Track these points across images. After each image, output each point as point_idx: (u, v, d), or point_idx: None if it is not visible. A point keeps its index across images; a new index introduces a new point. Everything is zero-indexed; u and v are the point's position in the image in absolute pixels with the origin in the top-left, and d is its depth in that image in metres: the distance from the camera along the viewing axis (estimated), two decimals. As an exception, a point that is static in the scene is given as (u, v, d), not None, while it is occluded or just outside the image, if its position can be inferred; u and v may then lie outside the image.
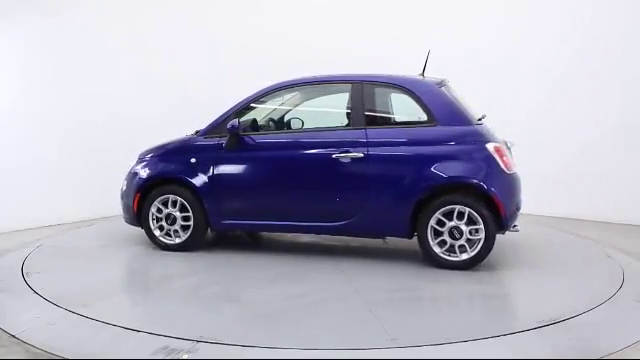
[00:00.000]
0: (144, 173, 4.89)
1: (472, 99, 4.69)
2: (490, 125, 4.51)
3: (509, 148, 4.51)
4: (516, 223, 4.33)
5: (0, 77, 5.78)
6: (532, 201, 4.69)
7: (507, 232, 4.27)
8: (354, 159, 4.32)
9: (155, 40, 6.96)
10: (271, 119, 5.01)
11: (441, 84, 4.49)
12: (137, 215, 4.87)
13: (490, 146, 4.17)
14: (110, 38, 6.56)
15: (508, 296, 3.97)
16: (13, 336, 3.07)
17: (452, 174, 4.18)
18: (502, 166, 4.15)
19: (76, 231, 5.70)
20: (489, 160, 4.15)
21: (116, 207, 6.47)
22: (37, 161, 5.96)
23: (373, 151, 4.33)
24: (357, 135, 4.38)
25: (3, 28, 5.80)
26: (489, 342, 2.92)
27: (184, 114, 6.69)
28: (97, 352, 2.86)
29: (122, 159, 6.63)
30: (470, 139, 4.23)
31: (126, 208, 4.99)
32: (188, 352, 2.78)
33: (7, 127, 5.77)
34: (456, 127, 4.27)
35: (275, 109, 5.05)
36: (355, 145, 4.35)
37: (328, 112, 5.18)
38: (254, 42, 7.31)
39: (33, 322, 3.26)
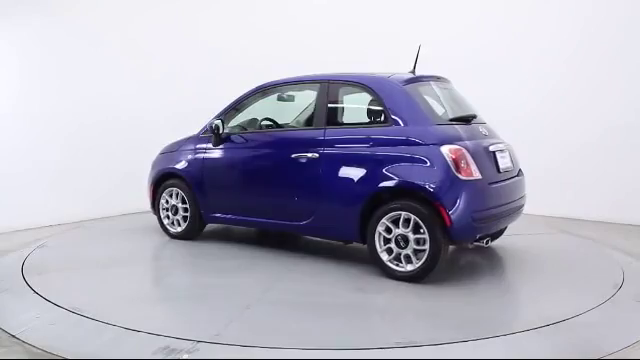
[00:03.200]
0: (157, 167, 5.42)
1: (473, 98, 4.67)
2: (486, 125, 4.47)
3: (493, 151, 4.15)
4: (485, 236, 4.00)
5: (1, 77, 5.79)
6: (532, 201, 4.67)
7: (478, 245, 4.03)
8: (311, 159, 4.30)
9: (157, 41, 6.97)
10: (251, 120, 5.09)
11: (409, 82, 4.23)
12: (154, 205, 5.44)
13: (445, 149, 3.80)
14: (111, 39, 6.58)
15: (507, 296, 3.95)
16: (13, 336, 3.07)
17: (396, 178, 3.89)
18: (455, 171, 3.75)
19: (76, 231, 5.71)
20: (440, 164, 3.77)
21: (116, 207, 6.54)
22: (37, 161, 5.96)
23: (327, 152, 4.25)
24: (316, 135, 4.35)
25: (4, 28, 5.81)
26: (489, 342, 2.92)
27: (185, 115, 6.72)
28: (97, 352, 2.86)
29: (122, 159, 6.68)
30: (424, 141, 3.88)
31: (148, 199, 5.51)
32: (188, 352, 2.78)
33: (7, 127, 5.77)
34: (411, 127, 3.96)
35: (255, 110, 5.12)
36: (313, 145, 4.32)
37: (300, 112, 5.20)
38: (255, 44, 7.34)
39: (33, 322, 3.26)
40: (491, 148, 4.15)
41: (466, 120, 4.23)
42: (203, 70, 7.21)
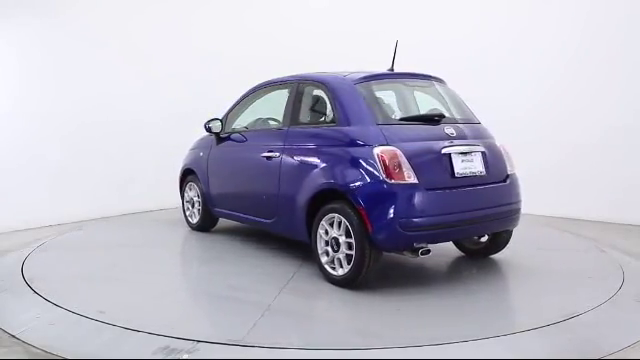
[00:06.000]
0: (183, 163, 5.80)
1: (474, 99, 4.65)
2: (467, 125, 4.25)
3: (447, 154, 3.77)
4: (425, 246, 3.58)
5: (1, 77, 5.79)
6: (532, 201, 4.64)
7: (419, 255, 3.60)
8: (274, 159, 4.36)
9: (156, 42, 6.98)
10: (256, 120, 5.15)
11: (364, 80, 4.05)
12: (182, 197, 5.91)
13: (377, 150, 3.61)
14: (111, 40, 6.58)
15: (508, 296, 3.95)
16: (13, 336, 3.07)
17: (330, 179, 3.81)
18: (383, 174, 3.53)
19: (76, 231, 5.70)
20: (371, 166, 3.59)
21: (117, 207, 6.55)
22: (37, 161, 5.97)
23: (286, 152, 4.27)
24: (280, 135, 4.40)
25: (3, 28, 5.81)
26: (489, 342, 2.91)
27: (185, 115, 6.74)
28: (97, 352, 2.86)
29: (122, 160, 6.68)
30: (361, 141, 3.71)
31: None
32: (188, 352, 2.78)
33: (7, 127, 5.78)
34: (352, 127, 3.82)
35: (246, 111, 5.23)
36: (277, 145, 4.38)
37: (278, 112, 5.14)
38: (254, 47, 7.37)
39: (33, 322, 3.26)
40: (445, 151, 3.78)
41: (429, 120, 3.97)
42: (203, 71, 7.22)
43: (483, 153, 4.00)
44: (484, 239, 4.47)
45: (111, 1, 6.64)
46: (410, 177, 3.56)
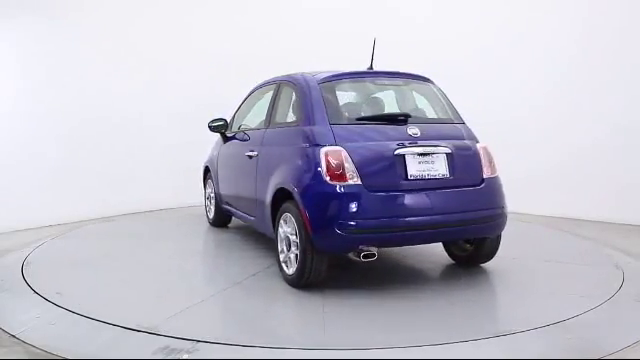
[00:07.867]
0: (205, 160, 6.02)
1: (475, 99, 4.63)
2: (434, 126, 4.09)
3: (402, 155, 3.61)
4: (369, 250, 3.47)
5: (3, 77, 5.79)
6: (532, 201, 4.63)
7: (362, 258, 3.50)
8: (253, 158, 4.47)
9: (155, 41, 6.98)
10: (249, 120, 5.25)
11: (329, 80, 3.99)
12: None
13: (323, 150, 3.55)
14: (111, 39, 6.59)
15: (506, 297, 3.93)
16: (13, 336, 3.07)
17: (283, 178, 3.84)
18: (325, 175, 3.47)
19: (77, 231, 5.71)
20: (315, 166, 3.55)
21: (117, 207, 6.55)
22: (38, 161, 5.97)
23: (262, 151, 4.37)
24: (260, 135, 4.51)
25: (3, 28, 5.81)
26: (489, 342, 2.91)
27: (185, 115, 6.74)
28: (97, 352, 2.86)
29: (122, 159, 6.68)
30: (313, 141, 3.67)
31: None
32: (188, 352, 2.78)
33: (7, 127, 5.78)
34: (308, 127, 3.76)
35: (246, 111, 5.34)
36: (257, 144, 4.50)
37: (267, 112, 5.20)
38: (254, 47, 7.37)
39: (33, 322, 3.26)
40: (399, 152, 3.60)
41: (392, 119, 3.82)
42: (202, 71, 7.22)
43: (448, 155, 3.75)
44: (470, 246, 4.27)
45: (111, 1, 6.64)
46: (353, 178, 3.47)
